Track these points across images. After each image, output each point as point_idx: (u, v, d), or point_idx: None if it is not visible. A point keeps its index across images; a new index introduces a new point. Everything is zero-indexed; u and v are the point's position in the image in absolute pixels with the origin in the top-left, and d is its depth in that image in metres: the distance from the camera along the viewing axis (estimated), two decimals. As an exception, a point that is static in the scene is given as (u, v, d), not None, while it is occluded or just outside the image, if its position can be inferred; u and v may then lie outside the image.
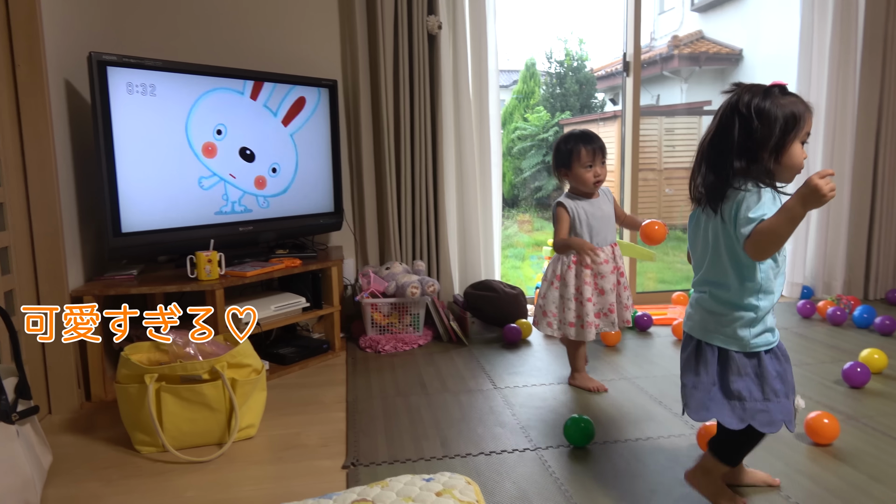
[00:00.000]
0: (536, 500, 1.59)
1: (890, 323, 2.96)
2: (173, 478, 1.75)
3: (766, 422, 1.41)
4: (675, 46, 9.87)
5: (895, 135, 3.57)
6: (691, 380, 1.48)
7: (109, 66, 2.19)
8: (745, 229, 1.34)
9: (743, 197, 1.36)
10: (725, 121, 1.39)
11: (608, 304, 2.29)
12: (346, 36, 3.14)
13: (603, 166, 2.29)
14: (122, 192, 2.26)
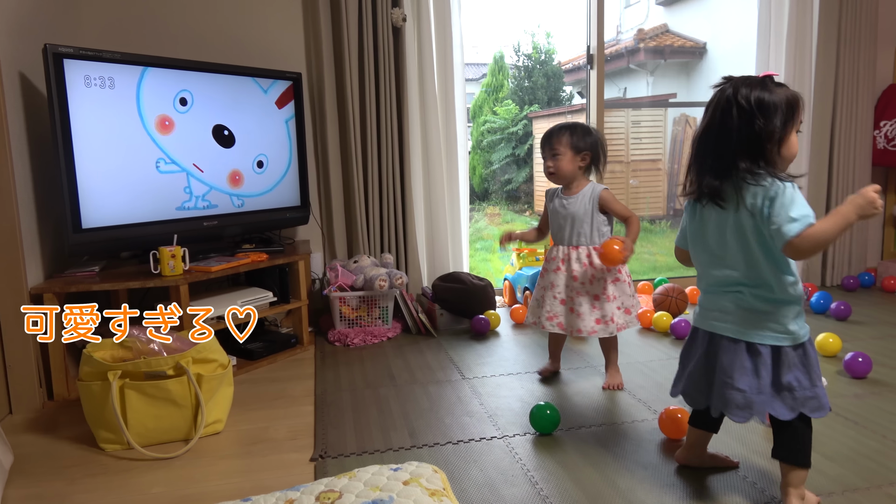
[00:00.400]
0: (503, 486, 1.62)
1: (845, 308, 3.06)
2: (139, 475, 1.74)
3: (816, 407, 1.41)
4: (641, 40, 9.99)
5: (849, 126, 3.68)
6: (752, 384, 1.43)
7: (66, 58, 2.15)
8: (790, 228, 1.31)
9: (775, 192, 1.34)
10: (724, 114, 1.39)
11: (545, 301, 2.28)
12: (310, 28, 3.12)
13: (554, 157, 2.21)
14: (82, 188, 2.22)
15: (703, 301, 1.55)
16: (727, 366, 1.45)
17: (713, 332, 1.50)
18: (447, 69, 3.24)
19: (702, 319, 1.54)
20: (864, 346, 2.65)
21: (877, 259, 4.02)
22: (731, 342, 1.46)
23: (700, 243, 1.52)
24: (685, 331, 2.81)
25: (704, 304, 1.54)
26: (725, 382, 1.45)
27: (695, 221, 1.52)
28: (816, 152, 3.67)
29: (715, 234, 1.47)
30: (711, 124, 1.42)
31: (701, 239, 1.52)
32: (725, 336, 1.47)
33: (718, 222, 1.46)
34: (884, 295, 3.59)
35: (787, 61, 3.56)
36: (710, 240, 1.49)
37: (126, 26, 2.89)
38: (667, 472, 1.68)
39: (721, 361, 1.47)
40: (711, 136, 1.43)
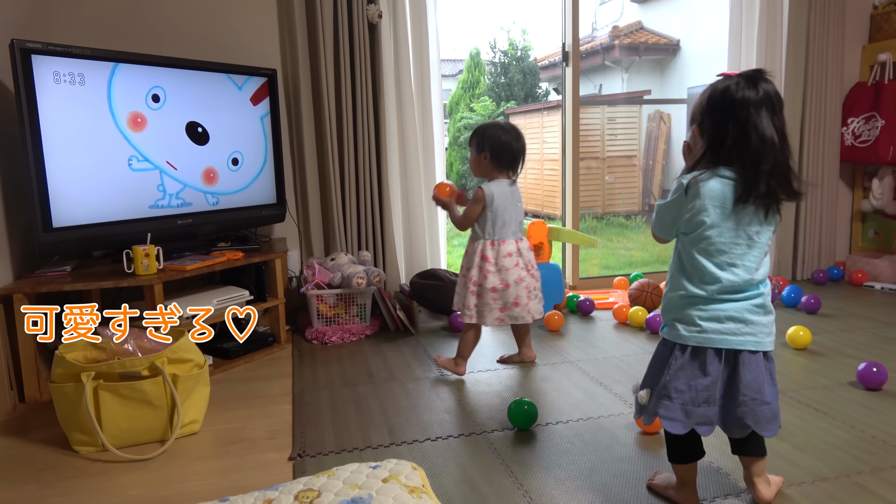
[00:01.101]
0: (482, 481, 1.63)
1: (815, 302, 3.13)
2: (114, 477, 1.72)
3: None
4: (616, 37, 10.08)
5: (818, 123, 3.76)
6: (774, 393, 1.39)
7: (34, 54, 2.10)
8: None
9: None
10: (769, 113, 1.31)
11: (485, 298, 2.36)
12: (285, 24, 3.09)
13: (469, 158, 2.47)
14: (52, 186, 2.18)
15: (709, 312, 1.37)
16: (752, 381, 1.35)
17: (730, 348, 1.36)
18: (423, 65, 3.23)
19: (710, 336, 1.36)
20: (834, 339, 2.72)
21: (845, 253, 4.11)
22: (751, 355, 1.36)
23: (727, 244, 1.36)
24: (660, 325, 2.85)
25: (712, 316, 1.36)
26: (754, 399, 1.35)
27: (730, 220, 1.36)
28: (787, 149, 3.73)
29: (747, 238, 1.37)
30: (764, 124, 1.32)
31: (730, 241, 1.36)
32: (745, 350, 1.36)
33: (748, 225, 1.36)
34: (852, 288, 3.68)
35: (757, 60, 3.62)
36: (740, 241, 1.36)
37: (97, 22, 2.83)
38: (644, 465, 1.70)
39: (743, 378, 1.35)
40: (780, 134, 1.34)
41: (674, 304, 1.42)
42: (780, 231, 3.83)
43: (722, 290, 1.36)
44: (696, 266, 1.38)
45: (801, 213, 3.83)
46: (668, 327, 1.44)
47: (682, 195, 1.38)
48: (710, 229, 1.35)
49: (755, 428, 1.37)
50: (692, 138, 1.44)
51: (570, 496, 1.56)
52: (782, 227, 3.83)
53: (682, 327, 1.39)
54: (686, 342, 1.38)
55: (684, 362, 1.38)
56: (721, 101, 1.34)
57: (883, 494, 1.53)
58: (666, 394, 1.38)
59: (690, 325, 1.38)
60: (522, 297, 2.33)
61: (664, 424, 1.39)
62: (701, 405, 1.36)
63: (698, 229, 1.37)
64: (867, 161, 3.81)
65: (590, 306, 3.20)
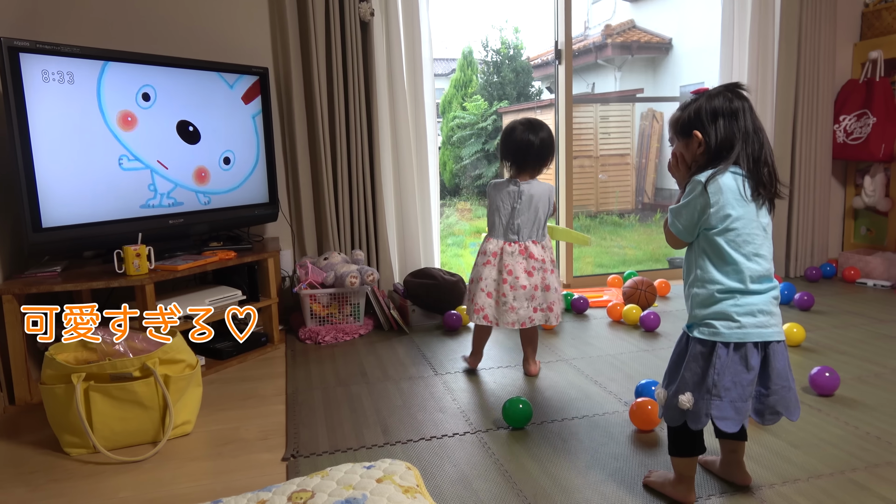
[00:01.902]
0: (476, 481, 1.62)
1: (808, 298, 3.14)
2: (106, 479, 1.70)
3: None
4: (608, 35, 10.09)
5: (811, 121, 3.77)
6: (793, 378, 1.45)
7: (22, 52, 2.08)
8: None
9: None
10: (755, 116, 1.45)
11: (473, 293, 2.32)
12: (276, 22, 3.07)
13: None
14: (42, 186, 2.16)
15: (744, 307, 1.39)
16: (781, 370, 1.41)
17: (764, 340, 1.40)
18: (416, 64, 3.22)
19: (749, 331, 1.39)
20: (827, 336, 2.73)
21: (838, 250, 4.13)
22: (777, 345, 1.41)
23: (747, 239, 1.41)
24: (654, 323, 2.85)
25: (747, 311, 1.39)
26: (784, 387, 1.41)
27: (749, 211, 1.41)
28: (779, 147, 3.75)
29: (762, 230, 1.43)
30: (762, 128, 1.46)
31: (749, 235, 1.41)
32: (773, 341, 1.40)
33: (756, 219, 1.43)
34: (844, 285, 3.69)
35: (749, 58, 3.63)
36: (757, 235, 1.42)
37: (85, 19, 2.80)
38: (639, 462, 1.70)
39: (775, 368, 1.40)
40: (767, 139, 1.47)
41: (708, 302, 1.42)
42: (773, 228, 3.83)
43: (753, 279, 1.40)
44: (727, 258, 1.41)
45: (793, 210, 3.84)
46: (705, 327, 1.42)
47: (701, 192, 1.41)
48: (736, 221, 1.40)
49: (785, 414, 1.42)
50: (685, 148, 1.49)
51: (566, 495, 1.55)
52: (775, 225, 3.83)
53: (721, 325, 1.39)
54: (728, 339, 1.39)
55: (727, 360, 1.39)
56: (722, 109, 1.43)
57: (878, 491, 1.53)
58: (716, 393, 1.38)
59: (730, 322, 1.39)
60: (477, 294, 2.28)
61: (718, 424, 1.39)
62: (747, 400, 1.39)
63: (725, 222, 1.40)
64: (859, 158, 3.82)
65: (584, 304, 3.20)
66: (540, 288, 2.24)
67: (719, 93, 1.44)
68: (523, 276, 2.22)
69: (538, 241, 2.26)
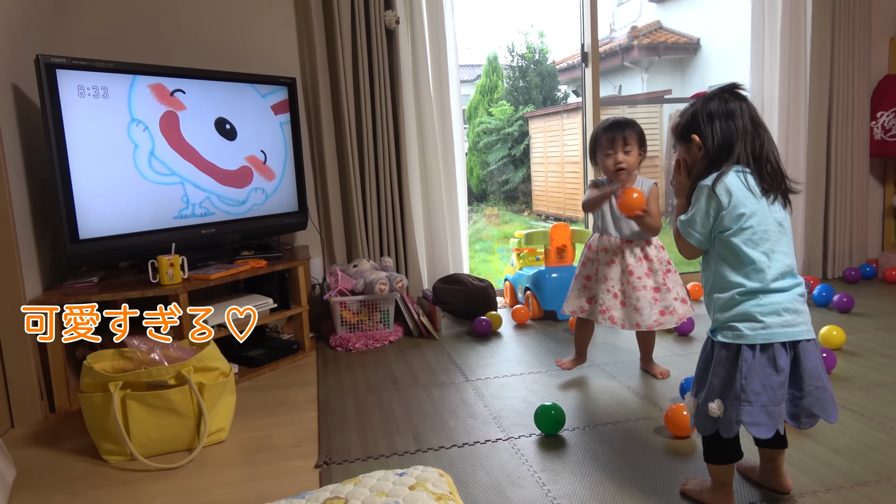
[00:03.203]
0: (509, 488, 1.61)
1: (847, 300, 3.05)
2: (143, 486, 1.72)
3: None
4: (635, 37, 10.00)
5: (846, 119, 3.68)
6: (827, 377, 1.40)
7: (59, 68, 2.14)
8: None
9: None
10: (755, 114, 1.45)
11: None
12: (304, 32, 3.11)
13: (628, 154, 2.20)
14: (78, 198, 2.21)
15: (767, 306, 1.35)
16: (814, 370, 1.35)
17: (792, 340, 1.35)
18: (441, 70, 3.23)
19: (775, 331, 1.34)
20: (868, 338, 2.65)
21: (878, 250, 4.01)
22: (807, 343, 1.36)
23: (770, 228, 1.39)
24: (688, 327, 2.81)
25: (771, 310, 1.35)
26: (819, 388, 1.35)
27: (761, 207, 1.39)
28: (814, 145, 3.66)
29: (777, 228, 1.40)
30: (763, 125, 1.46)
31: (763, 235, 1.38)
32: (802, 340, 1.36)
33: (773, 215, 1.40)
34: (886, 286, 3.59)
35: (781, 54, 3.56)
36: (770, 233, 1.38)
37: (118, 35, 2.87)
38: (675, 469, 1.67)
39: (807, 368, 1.34)
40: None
41: (729, 304, 1.38)
42: (809, 229, 3.75)
43: (775, 277, 1.36)
44: (745, 258, 1.37)
45: (830, 209, 3.74)
46: (728, 330, 1.38)
47: (710, 196, 1.39)
48: (751, 218, 1.37)
49: (822, 416, 1.35)
50: (686, 153, 1.49)
51: (601, 503, 1.53)
52: (811, 225, 3.75)
53: (745, 327, 1.35)
54: (753, 341, 1.34)
55: (754, 363, 1.34)
56: (718, 111, 1.43)
57: (927, 498, 1.47)
58: (745, 398, 1.33)
59: (754, 323, 1.35)
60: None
61: (750, 430, 1.34)
62: (780, 403, 1.33)
63: (740, 221, 1.37)
64: (898, 155, 3.71)
65: (615, 309, 3.15)
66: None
67: (715, 95, 1.45)
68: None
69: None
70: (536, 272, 3.16)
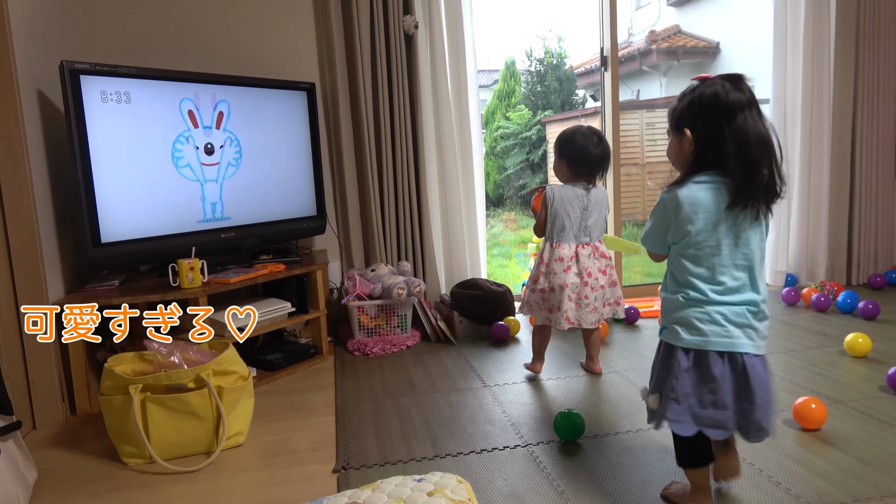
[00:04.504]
0: (528, 496, 1.59)
1: (873, 307, 2.99)
2: (162, 489, 1.73)
3: None
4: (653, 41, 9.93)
5: (870, 122, 3.61)
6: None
7: (82, 74, 2.16)
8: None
9: None
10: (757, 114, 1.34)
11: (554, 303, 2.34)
12: (323, 38, 3.12)
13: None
14: (101, 202, 2.23)
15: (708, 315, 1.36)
16: (763, 383, 1.35)
17: (729, 351, 1.36)
18: (460, 75, 3.22)
19: (710, 339, 1.36)
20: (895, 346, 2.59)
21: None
22: (755, 358, 1.36)
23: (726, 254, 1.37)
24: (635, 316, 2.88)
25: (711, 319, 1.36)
26: (767, 402, 1.35)
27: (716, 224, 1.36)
28: (837, 150, 3.61)
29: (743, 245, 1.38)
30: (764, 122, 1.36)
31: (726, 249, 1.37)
32: (743, 353, 1.36)
33: (746, 231, 1.38)
34: (912, 293, 3.51)
35: (804, 57, 3.51)
36: (738, 251, 1.38)
37: (140, 41, 2.91)
38: (697, 478, 1.64)
39: (757, 382, 1.34)
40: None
41: (674, 307, 1.41)
42: (833, 234, 3.69)
43: (721, 292, 1.37)
44: (689, 271, 1.39)
45: (854, 214, 3.68)
46: (668, 330, 1.43)
47: (665, 209, 1.41)
48: (697, 235, 1.37)
49: (768, 428, 1.36)
50: (678, 144, 1.44)
51: (622, 511, 1.50)
52: (835, 231, 3.69)
53: (683, 331, 1.38)
54: (687, 346, 1.38)
55: (688, 365, 1.38)
56: (713, 105, 1.34)
57: (959, 511, 1.43)
58: (673, 397, 1.38)
59: (691, 329, 1.37)
60: (564, 302, 2.28)
61: (672, 427, 1.39)
62: (707, 407, 1.36)
63: (686, 237, 1.38)
64: (925, 160, 3.64)
65: (635, 314, 3.13)
66: (607, 285, 2.35)
67: (716, 84, 1.35)
68: (600, 276, 2.33)
69: (601, 241, 2.38)
70: (555, 277, 3.14)
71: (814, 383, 2.24)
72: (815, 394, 2.11)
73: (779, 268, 3.73)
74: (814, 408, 1.86)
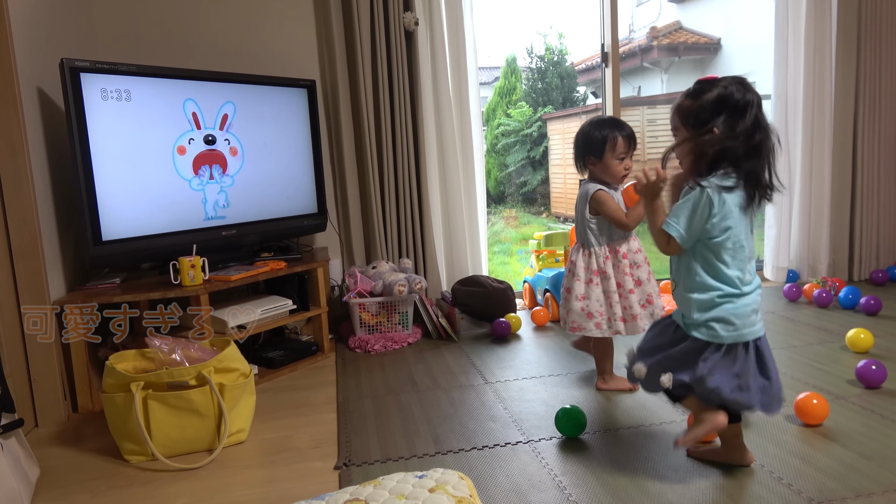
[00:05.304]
0: (530, 492, 1.59)
1: (875, 303, 2.99)
2: (164, 486, 1.73)
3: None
4: (654, 37, 9.92)
5: (872, 117, 3.60)
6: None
7: (82, 72, 2.16)
8: None
9: None
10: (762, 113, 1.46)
11: (646, 294, 2.16)
12: (323, 35, 3.12)
13: (632, 160, 2.11)
14: (102, 200, 2.23)
15: (740, 309, 1.50)
16: (772, 358, 1.53)
17: (756, 338, 1.53)
18: (461, 72, 3.22)
19: (743, 332, 1.51)
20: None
21: (905, 252, 3.92)
22: (764, 337, 1.55)
23: (745, 239, 1.52)
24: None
25: (743, 312, 1.51)
26: (777, 373, 1.53)
27: (743, 220, 1.51)
28: (839, 145, 3.60)
29: (747, 233, 1.53)
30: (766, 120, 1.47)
31: (745, 238, 1.52)
32: (761, 336, 1.54)
33: (746, 222, 1.53)
34: (914, 288, 3.51)
35: (805, 53, 3.50)
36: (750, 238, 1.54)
37: (140, 39, 2.91)
38: (698, 474, 1.64)
39: (769, 357, 1.53)
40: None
41: (708, 306, 1.51)
42: (835, 230, 3.69)
43: (747, 282, 1.51)
44: (727, 264, 1.50)
45: (856, 210, 3.67)
46: (706, 328, 1.52)
47: (707, 203, 1.46)
48: (733, 230, 1.49)
49: (783, 398, 1.53)
50: (697, 139, 1.49)
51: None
52: (837, 227, 3.68)
53: (721, 327, 1.50)
54: (723, 341, 1.50)
55: (718, 357, 1.50)
56: (738, 102, 1.43)
57: (961, 506, 1.43)
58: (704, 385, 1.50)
59: (728, 325, 1.49)
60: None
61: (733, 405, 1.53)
62: (734, 392, 1.48)
63: (726, 233, 1.48)
64: (926, 155, 3.63)
65: (636, 311, 3.12)
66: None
67: (731, 84, 1.44)
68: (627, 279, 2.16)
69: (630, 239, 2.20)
70: (556, 274, 3.14)
71: (815, 379, 2.24)
72: (816, 389, 2.11)
73: (780, 264, 3.73)
74: (815, 403, 1.86)
